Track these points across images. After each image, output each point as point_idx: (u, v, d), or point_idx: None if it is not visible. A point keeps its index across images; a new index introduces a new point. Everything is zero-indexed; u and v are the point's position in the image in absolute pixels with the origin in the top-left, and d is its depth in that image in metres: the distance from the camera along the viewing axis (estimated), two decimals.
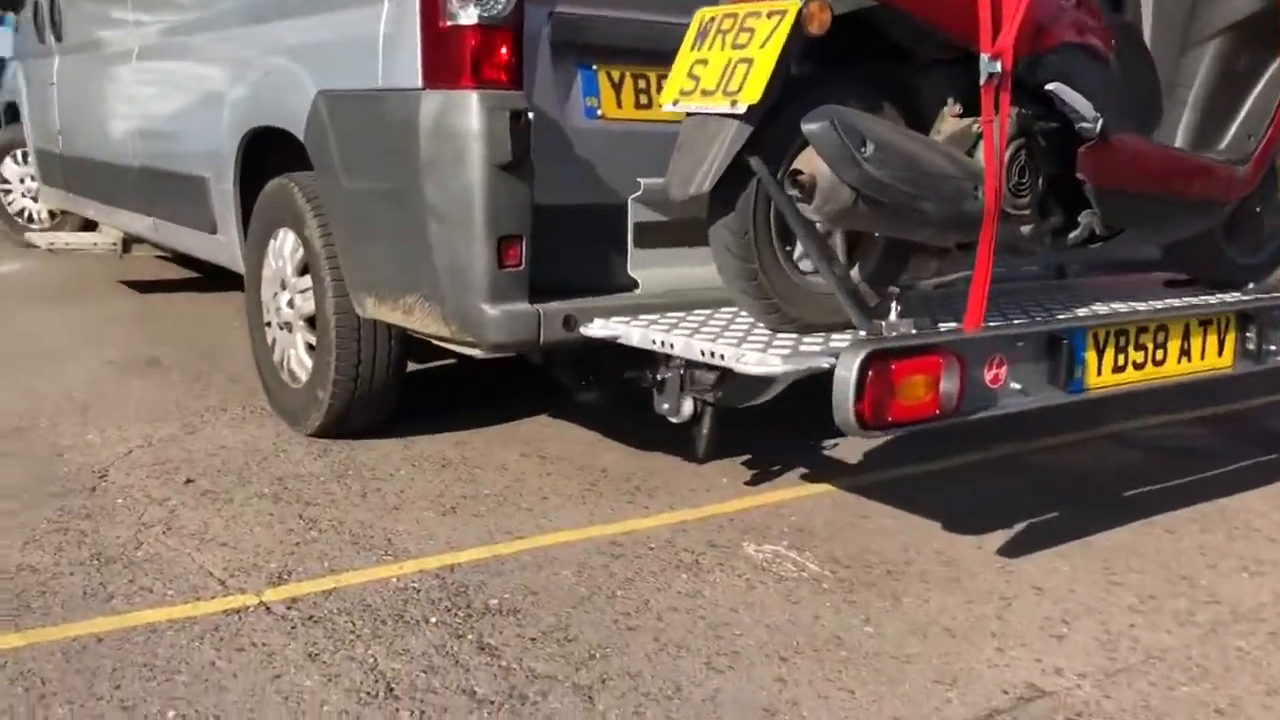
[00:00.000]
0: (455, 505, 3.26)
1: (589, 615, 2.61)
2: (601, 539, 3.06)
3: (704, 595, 2.74)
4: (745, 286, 2.48)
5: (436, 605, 2.63)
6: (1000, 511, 3.35)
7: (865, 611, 2.69)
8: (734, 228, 2.45)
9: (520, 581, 2.77)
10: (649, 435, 3.93)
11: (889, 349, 2.19)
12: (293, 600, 2.64)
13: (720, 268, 2.51)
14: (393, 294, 3.21)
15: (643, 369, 3.25)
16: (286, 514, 3.15)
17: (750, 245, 2.44)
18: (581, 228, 3.07)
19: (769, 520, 3.23)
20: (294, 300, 3.77)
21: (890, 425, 2.22)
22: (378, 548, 2.95)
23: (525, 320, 2.93)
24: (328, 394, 3.60)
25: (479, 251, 2.86)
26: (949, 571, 2.93)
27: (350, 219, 3.36)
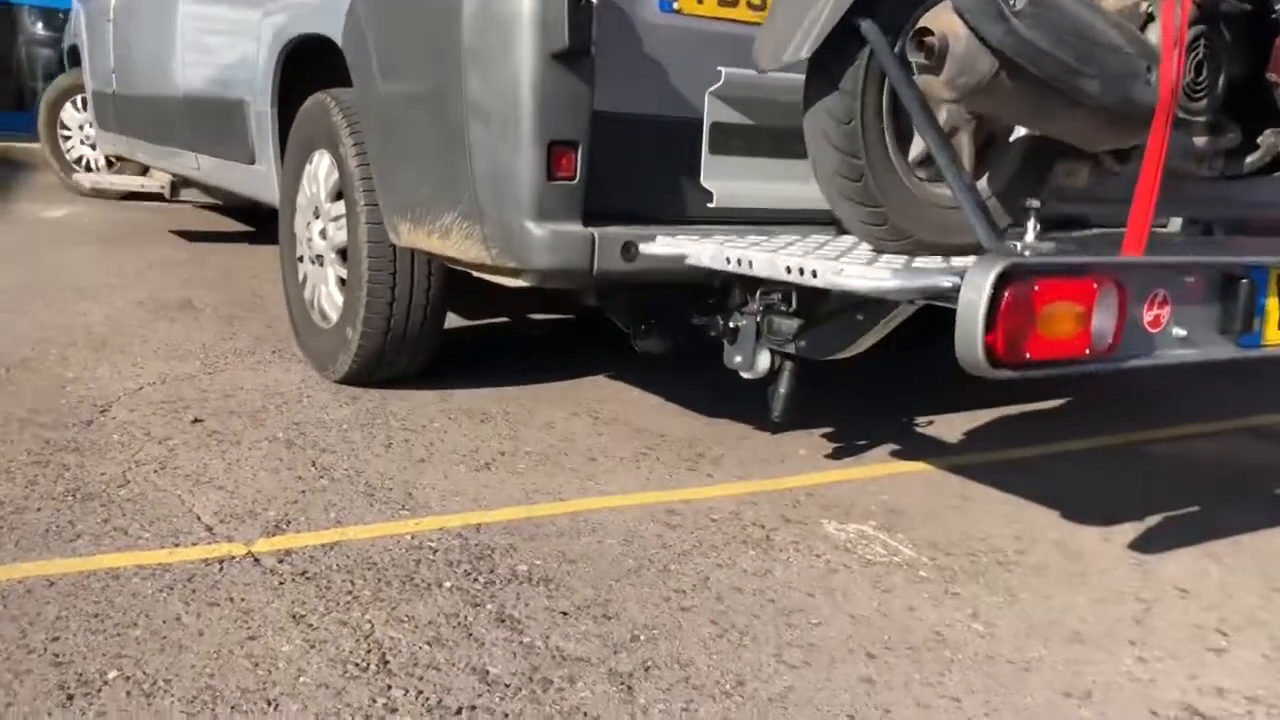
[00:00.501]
0: (490, 461, 2.84)
1: (635, 590, 2.17)
2: (656, 506, 2.61)
3: (775, 575, 2.28)
4: (846, 188, 2.00)
5: (454, 568, 2.20)
6: (1127, 502, 2.84)
7: (972, 606, 2.21)
8: (837, 111, 1.98)
9: (556, 547, 2.34)
10: (717, 400, 3.48)
11: (1031, 266, 1.71)
12: (286, 552, 2.23)
13: (816, 163, 2.03)
14: (429, 215, 2.79)
15: (713, 314, 2.80)
16: (298, 460, 2.75)
17: (856, 135, 1.96)
18: (649, 144, 2.62)
19: (854, 497, 2.76)
20: (326, 229, 3.37)
21: (1027, 364, 1.74)
22: (395, 502, 2.53)
23: (577, 244, 2.49)
24: (357, 334, 3.19)
25: (526, 157, 2.42)
26: (1072, 565, 2.43)
27: (386, 130, 2.95)
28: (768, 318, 2.68)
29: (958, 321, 1.70)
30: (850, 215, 2.05)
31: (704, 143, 2.42)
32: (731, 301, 2.73)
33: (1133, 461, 3.22)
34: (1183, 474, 3.13)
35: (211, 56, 4.36)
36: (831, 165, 2.00)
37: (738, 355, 2.76)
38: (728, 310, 2.76)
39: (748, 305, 2.73)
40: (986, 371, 1.71)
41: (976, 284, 1.67)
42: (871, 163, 1.98)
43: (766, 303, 2.69)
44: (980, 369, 1.71)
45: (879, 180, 2.00)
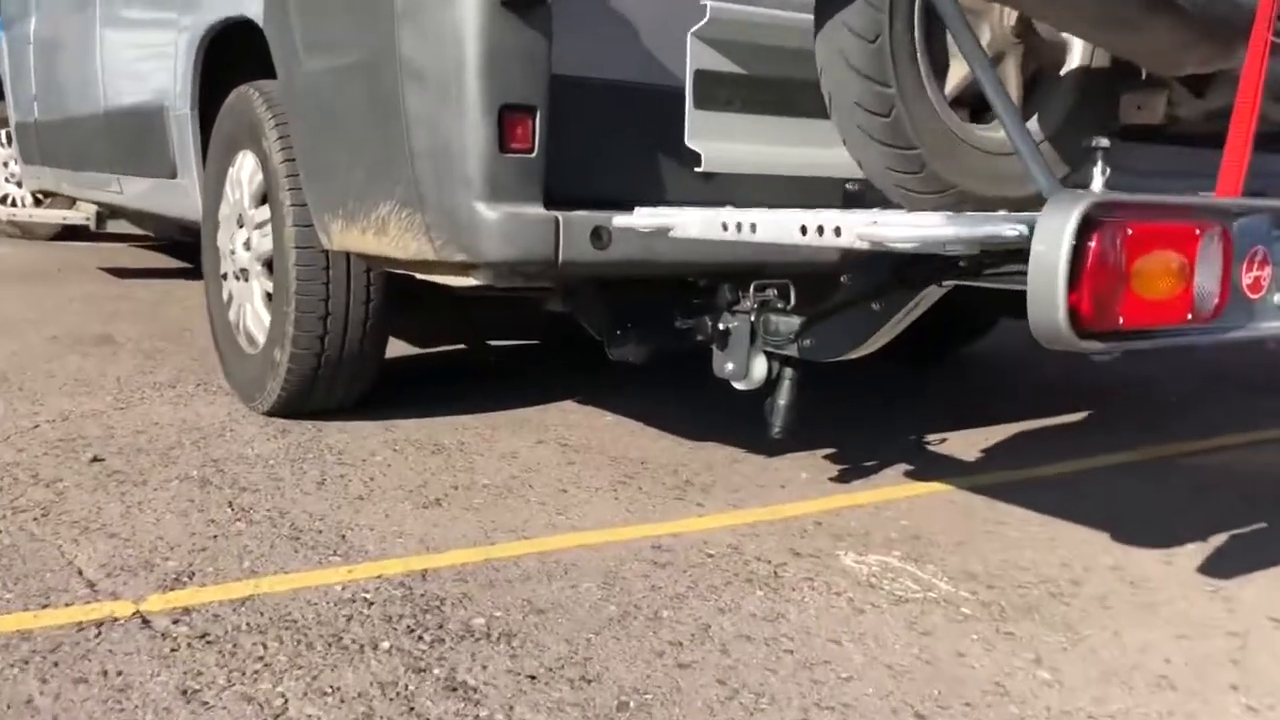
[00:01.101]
0: (441, 497, 2.41)
1: (620, 645, 1.75)
2: (640, 542, 2.19)
3: (789, 619, 1.87)
4: (872, 124, 1.60)
5: (394, 624, 1.78)
6: (1181, 521, 2.46)
7: (1032, 649, 1.80)
8: (859, 25, 1.59)
9: (521, 595, 1.91)
10: (701, 421, 3.09)
11: (1119, 204, 1.33)
12: (184, 611, 1.79)
13: (833, 95, 1.63)
14: (363, 208, 2.39)
15: (699, 316, 2.40)
16: (211, 501, 2.31)
17: (884, 56, 1.57)
18: (620, 116, 2.24)
19: (870, 524, 2.36)
20: (251, 239, 2.96)
21: (1119, 333, 1.36)
22: (325, 546, 2.10)
23: (538, 229, 2.09)
24: (286, 356, 2.77)
25: (473, 125, 2.03)
26: (1138, 595, 2.04)
27: (313, 115, 2.55)
28: (764, 317, 2.29)
29: (1031, 279, 1.32)
30: (875, 160, 1.65)
31: (688, 95, 2.03)
32: (720, 300, 2.34)
33: (1175, 476, 2.84)
34: (1234, 488, 2.76)
35: (130, 62, 3.95)
36: (852, 95, 1.60)
37: (729, 362, 2.36)
38: (716, 310, 2.37)
39: (740, 304, 2.34)
40: (1068, 342, 1.33)
41: (1054, 228, 1.29)
42: (903, 92, 1.59)
43: (761, 299, 2.30)
44: (1061, 339, 1.33)
45: (912, 114, 1.61)
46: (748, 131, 2.08)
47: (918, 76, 1.61)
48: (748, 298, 2.31)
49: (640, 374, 3.85)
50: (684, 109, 2.18)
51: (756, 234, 1.64)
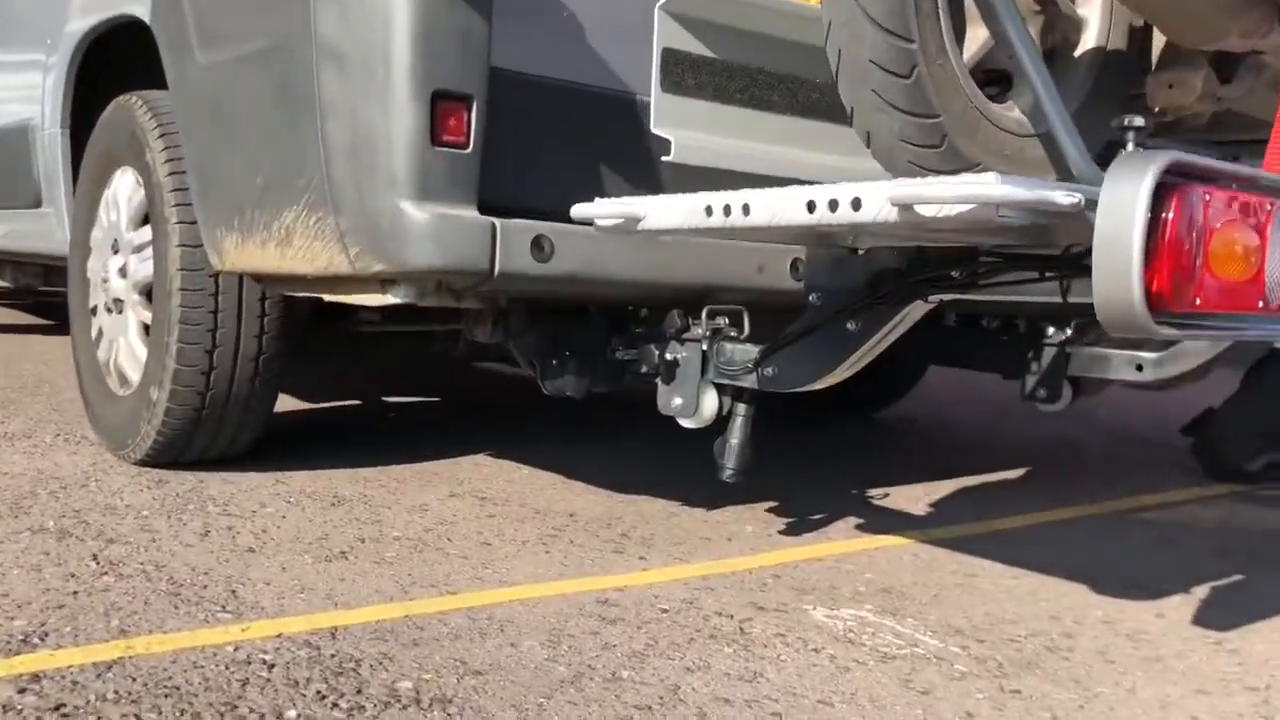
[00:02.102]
0: (347, 550, 2.09)
1: (578, 710, 1.46)
2: (583, 596, 1.91)
3: (768, 679, 1.61)
4: (887, 86, 1.38)
5: (300, 690, 1.46)
6: (1156, 573, 2.29)
7: (1046, 708, 1.58)
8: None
9: (452, 654, 1.61)
10: (629, 473, 2.84)
11: (1196, 167, 1.15)
12: (34, 678, 1.44)
13: (842, 54, 1.41)
14: (263, 216, 2.10)
15: (644, 345, 2.16)
16: (70, 554, 1.95)
17: (907, 6, 1.37)
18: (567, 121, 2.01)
19: (833, 578, 2.12)
20: (128, 265, 2.62)
21: (1192, 318, 1.17)
22: (211, 602, 1.76)
23: (471, 235, 1.83)
24: (164, 394, 2.42)
25: (401, 113, 1.77)
26: (1140, 649, 1.84)
27: (207, 115, 2.26)
28: (717, 345, 2.07)
29: (1097, 253, 1.12)
30: (887, 130, 1.42)
31: (654, 76, 1.81)
32: (668, 327, 2.11)
33: (1134, 530, 2.69)
34: (1199, 541, 2.61)
35: None
36: (867, 51, 1.38)
37: (676, 397, 2.13)
38: (663, 339, 2.13)
39: (689, 331, 2.11)
40: (1141, 325, 1.13)
41: (1128, 189, 1.09)
42: (926, 51, 1.39)
43: (714, 327, 2.07)
44: (1133, 322, 1.13)
45: (935, 78, 1.41)
46: (718, 123, 1.87)
47: (941, 35, 1.41)
48: (699, 324, 2.08)
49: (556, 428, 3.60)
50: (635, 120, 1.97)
51: (750, 216, 1.41)
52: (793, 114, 1.85)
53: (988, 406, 4.59)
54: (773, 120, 1.92)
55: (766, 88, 1.92)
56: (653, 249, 2.03)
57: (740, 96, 1.89)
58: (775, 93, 1.90)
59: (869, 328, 1.82)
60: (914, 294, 1.75)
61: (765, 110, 1.92)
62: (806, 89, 1.95)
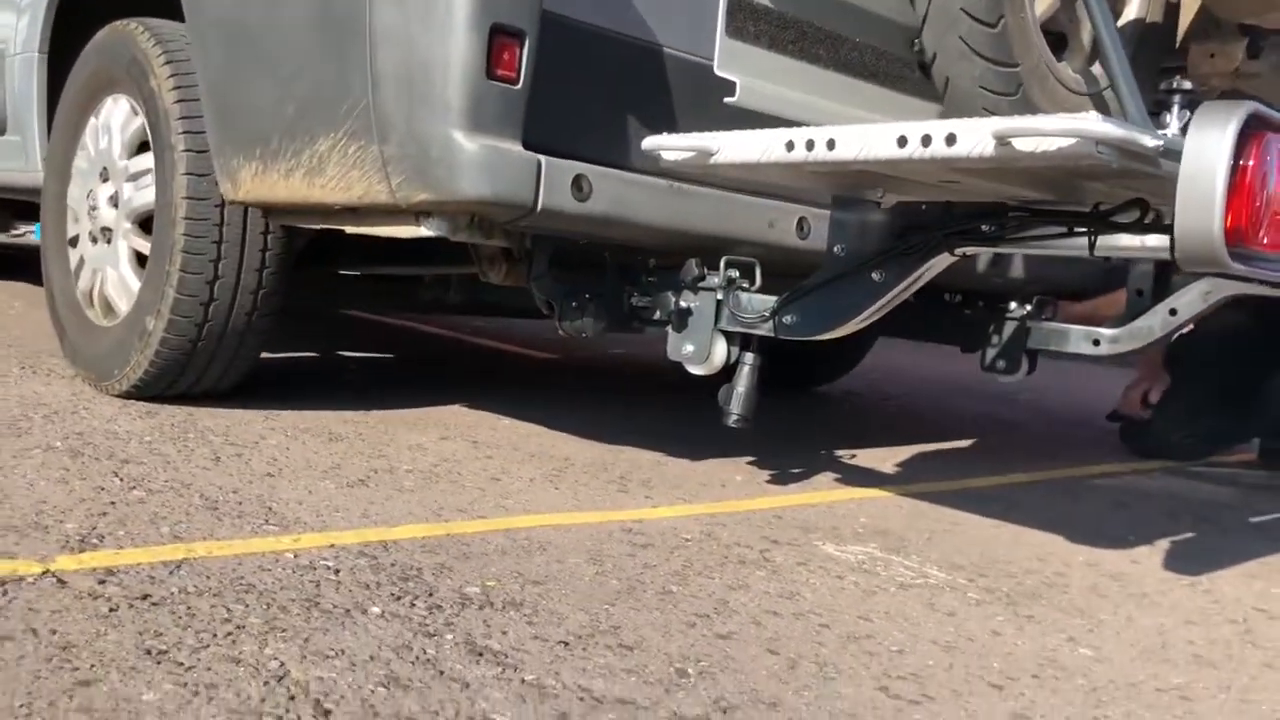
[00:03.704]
0: (365, 478, 2.11)
1: (643, 615, 1.53)
2: (608, 525, 1.98)
3: (805, 598, 1.70)
4: (975, 34, 1.50)
5: (374, 591, 1.49)
6: (1118, 529, 2.46)
7: (1062, 629, 1.70)
8: None
9: (506, 567, 1.66)
10: (608, 428, 2.90)
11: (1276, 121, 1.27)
12: (108, 572, 1.44)
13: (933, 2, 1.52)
14: (293, 145, 2.10)
15: (659, 292, 2.24)
16: (91, 470, 1.93)
17: None
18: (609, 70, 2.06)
19: (831, 520, 2.23)
20: (120, 193, 2.57)
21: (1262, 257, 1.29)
22: (252, 516, 1.78)
23: (517, 168, 1.87)
24: (162, 324, 2.40)
25: (460, 44, 1.81)
26: (1126, 587, 1.99)
27: (230, 42, 2.24)
28: (731, 295, 2.15)
29: (1183, 189, 1.24)
30: (970, 76, 1.54)
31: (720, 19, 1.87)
32: (686, 276, 2.18)
33: (1091, 493, 2.87)
34: (1145, 506, 2.80)
35: None
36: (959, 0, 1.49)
37: (688, 344, 2.20)
38: (678, 288, 2.20)
39: (705, 280, 2.19)
40: (1219, 260, 1.25)
41: (1214, 134, 1.21)
42: (1013, 3, 1.50)
43: (730, 276, 2.16)
44: (1213, 257, 1.25)
45: (1017, 29, 1.52)
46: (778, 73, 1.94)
47: None
48: (715, 274, 2.16)
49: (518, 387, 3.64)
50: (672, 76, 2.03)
51: (834, 151, 1.49)
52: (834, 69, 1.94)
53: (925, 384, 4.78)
54: (816, 73, 2.01)
55: (815, 42, 2.01)
56: (677, 199, 2.10)
57: (792, 48, 1.97)
58: (822, 47, 1.99)
59: (894, 278, 1.92)
60: (943, 246, 1.86)
61: (812, 63, 2.01)
62: (847, 47, 2.04)
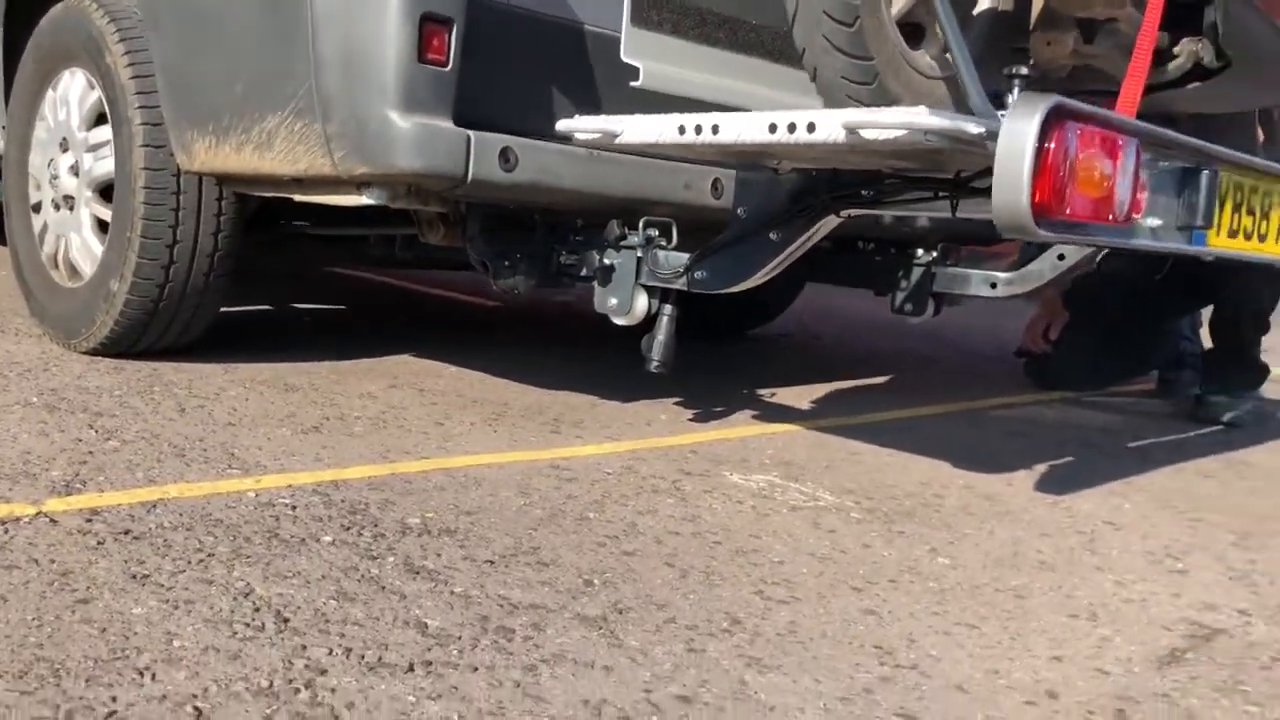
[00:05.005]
0: (318, 425, 2.34)
1: (560, 538, 1.77)
2: (538, 463, 2.22)
3: (705, 520, 1.96)
4: (837, 34, 1.73)
5: (326, 523, 1.73)
6: (1006, 455, 2.73)
7: (926, 542, 1.97)
8: None
9: (444, 501, 1.90)
10: (544, 373, 3.13)
11: (1073, 108, 1.51)
12: (93, 512, 1.67)
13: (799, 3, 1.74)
14: (243, 121, 2.29)
15: (585, 251, 2.46)
16: (69, 423, 2.14)
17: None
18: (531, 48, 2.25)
19: (742, 453, 2.48)
20: (81, 163, 2.75)
21: (1064, 225, 1.53)
22: (217, 461, 2.00)
23: (449, 143, 2.08)
24: (125, 287, 2.59)
25: (392, 32, 2.00)
26: (994, 506, 2.26)
27: (186, 21, 2.41)
28: (650, 253, 2.37)
29: (999, 170, 1.47)
30: (832, 69, 1.77)
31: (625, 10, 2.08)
32: (609, 235, 2.41)
33: (988, 424, 3.15)
34: (1038, 434, 3.08)
35: None
36: (821, 3, 1.72)
37: (612, 297, 2.43)
38: (602, 246, 2.43)
39: (626, 239, 2.41)
40: (1027, 229, 1.49)
41: (1023, 124, 1.45)
42: (867, 5, 1.72)
43: (648, 235, 2.38)
44: (1022, 226, 1.49)
45: (872, 27, 1.74)
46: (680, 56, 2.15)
47: None
48: (635, 234, 2.38)
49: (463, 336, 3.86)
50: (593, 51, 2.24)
51: (719, 135, 1.72)
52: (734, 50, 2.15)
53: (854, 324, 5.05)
54: (717, 55, 2.22)
55: (715, 26, 2.22)
56: (597, 165, 2.32)
57: (694, 32, 2.18)
58: (721, 30, 2.20)
59: (788, 237, 2.16)
60: (829, 209, 2.09)
61: (713, 45, 2.22)
62: (746, 29, 2.25)
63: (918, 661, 1.45)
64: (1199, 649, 1.61)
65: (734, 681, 1.33)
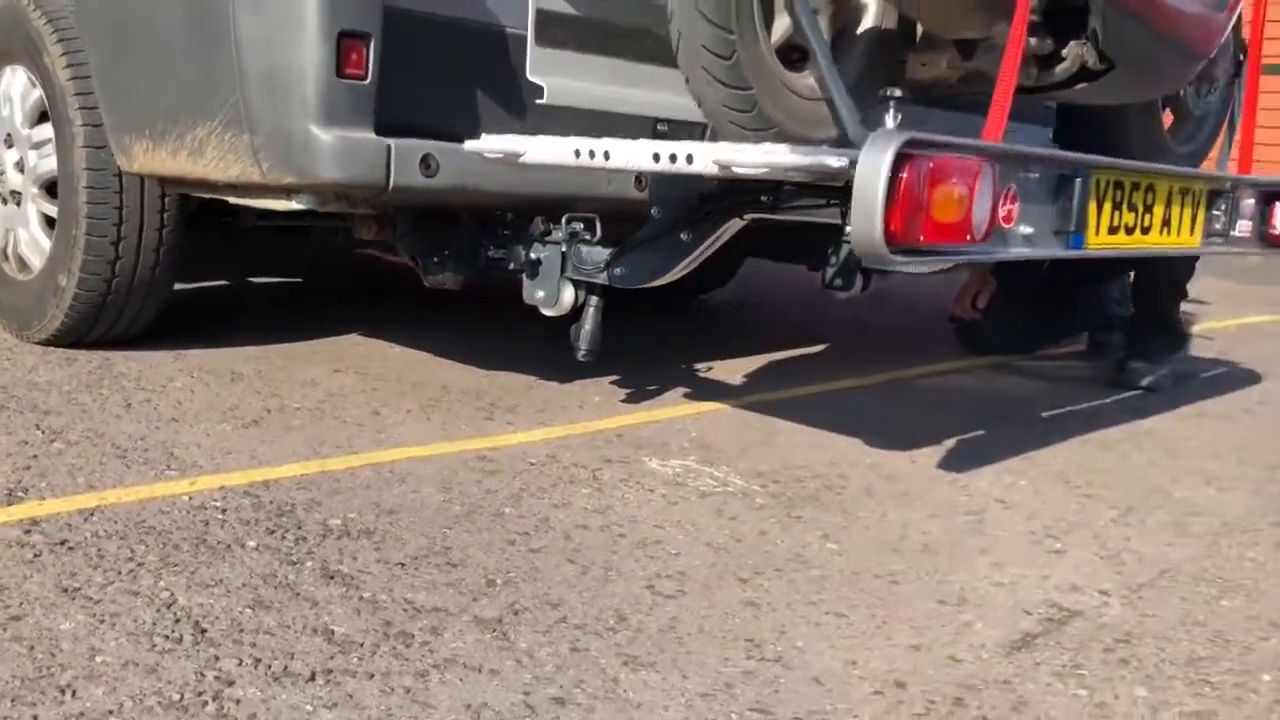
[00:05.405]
0: (258, 419, 2.46)
1: (473, 536, 1.91)
2: (465, 454, 2.35)
3: (616, 511, 2.10)
4: (715, 65, 1.83)
5: (253, 527, 1.86)
6: (919, 430, 2.87)
7: (820, 527, 2.12)
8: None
9: (367, 499, 2.03)
10: (487, 353, 3.25)
11: (925, 142, 1.62)
12: (32, 522, 1.80)
13: (682, 36, 1.85)
14: (176, 129, 2.38)
15: (512, 246, 2.57)
16: (15, 424, 2.27)
17: (729, 5, 1.80)
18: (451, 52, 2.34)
19: (665, 436, 2.62)
20: (26, 160, 2.84)
21: (920, 249, 1.65)
22: (156, 462, 2.13)
23: (370, 154, 2.18)
24: (73, 282, 2.70)
25: (311, 50, 2.10)
26: (895, 486, 2.41)
27: (118, 30, 2.49)
28: (574, 247, 2.49)
29: (855, 202, 1.59)
30: (714, 98, 1.88)
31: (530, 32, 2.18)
32: (533, 231, 2.51)
33: (909, 395, 3.29)
34: (956, 404, 3.23)
35: None
36: (700, 38, 1.82)
37: (539, 290, 2.54)
38: (528, 241, 2.54)
39: (551, 235, 2.52)
40: (881, 256, 1.61)
41: (875, 160, 1.56)
42: (743, 38, 1.83)
43: (572, 231, 2.49)
44: (877, 253, 1.61)
45: (749, 59, 1.85)
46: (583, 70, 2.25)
47: (754, 26, 1.85)
48: (559, 229, 2.49)
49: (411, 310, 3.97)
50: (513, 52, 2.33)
51: (610, 161, 1.83)
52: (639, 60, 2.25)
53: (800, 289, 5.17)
54: (622, 66, 2.32)
55: (618, 38, 2.31)
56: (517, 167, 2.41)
57: (598, 46, 2.27)
58: (626, 42, 2.29)
59: (698, 238, 2.27)
60: (734, 212, 2.20)
61: (618, 57, 2.31)
62: (651, 40, 2.34)
63: (783, 654, 1.60)
64: (1051, 633, 1.76)
65: (608, 681, 1.47)
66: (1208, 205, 2.57)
